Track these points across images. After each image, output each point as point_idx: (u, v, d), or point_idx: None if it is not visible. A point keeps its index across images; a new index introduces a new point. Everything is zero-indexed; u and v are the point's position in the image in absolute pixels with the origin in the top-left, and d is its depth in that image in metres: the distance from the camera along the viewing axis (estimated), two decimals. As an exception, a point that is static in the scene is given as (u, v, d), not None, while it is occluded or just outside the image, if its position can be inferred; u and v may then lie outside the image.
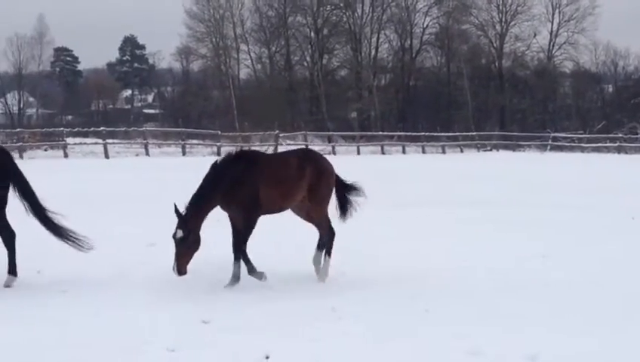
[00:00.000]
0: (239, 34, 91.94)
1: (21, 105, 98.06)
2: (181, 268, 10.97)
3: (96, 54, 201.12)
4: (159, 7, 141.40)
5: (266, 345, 8.52)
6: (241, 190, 11.58)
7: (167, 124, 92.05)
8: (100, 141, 54.05)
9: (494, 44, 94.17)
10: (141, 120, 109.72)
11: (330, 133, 74.17)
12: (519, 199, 25.25)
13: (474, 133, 77.12)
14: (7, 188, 11.92)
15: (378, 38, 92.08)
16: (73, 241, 12.09)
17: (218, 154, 56.52)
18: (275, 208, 12.22)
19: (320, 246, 12.55)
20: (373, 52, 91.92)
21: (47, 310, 10.18)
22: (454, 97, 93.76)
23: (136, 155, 54.14)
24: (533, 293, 11.33)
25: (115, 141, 59.62)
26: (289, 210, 12.69)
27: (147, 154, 53.95)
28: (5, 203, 11.88)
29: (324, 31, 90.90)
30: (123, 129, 68.30)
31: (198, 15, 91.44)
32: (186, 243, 11.04)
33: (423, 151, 68.69)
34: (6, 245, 11.83)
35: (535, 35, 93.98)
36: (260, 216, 11.88)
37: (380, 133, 74.20)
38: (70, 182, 28.22)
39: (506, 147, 75.04)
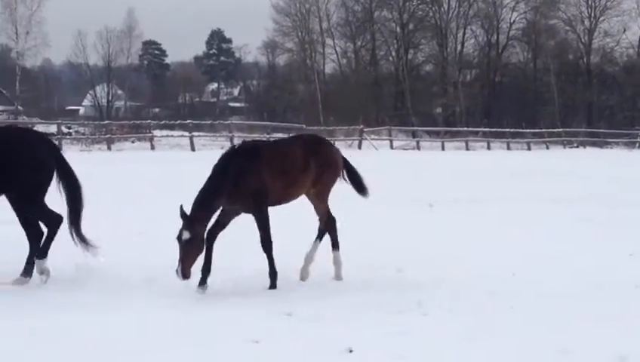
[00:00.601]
0: (325, 28, 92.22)
1: (110, 98, 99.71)
2: (186, 271, 10.52)
3: (183, 48, 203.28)
4: (246, 1, 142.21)
5: (350, 338, 8.44)
6: (247, 183, 11.16)
7: (252, 117, 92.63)
8: (186, 134, 54.65)
9: (582, 40, 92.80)
10: (227, 113, 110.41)
11: (415, 128, 73.97)
12: (607, 197, 24.85)
13: (560, 130, 76.00)
14: (49, 179, 11.77)
15: (464, 34, 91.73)
16: (84, 246, 11.84)
17: (302, 148, 56.66)
18: (283, 199, 11.71)
19: (335, 245, 12.11)
20: (459, 47, 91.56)
21: (131, 300, 10.32)
22: (540, 93, 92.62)
23: (222, 148, 54.17)
24: (623, 293, 11.11)
25: (201, 134, 60.12)
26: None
27: (232, 147, 54.28)
28: (44, 193, 11.73)
29: (410, 26, 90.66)
30: (209, 122, 68.79)
31: (284, 9, 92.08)
32: (193, 245, 10.61)
33: (508, 148, 67.95)
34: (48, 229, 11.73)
35: (625, 30, 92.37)
36: (268, 205, 11.36)
37: (465, 128, 73.62)
38: (156, 173, 28.60)
39: (593, 144, 73.82)
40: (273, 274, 11.27)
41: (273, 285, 11.22)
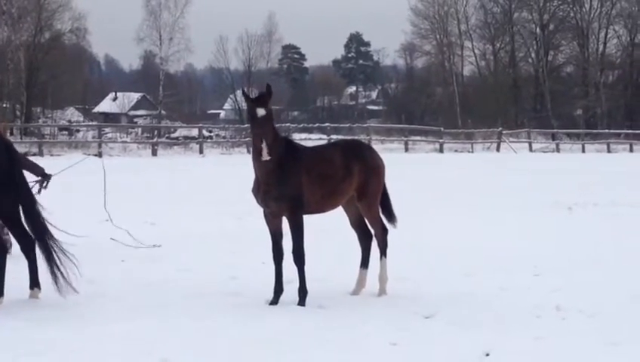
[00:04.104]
0: (464, 30, 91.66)
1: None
2: (270, 149, 9.85)
3: (322, 51, 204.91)
4: (384, 5, 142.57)
5: (487, 342, 8.48)
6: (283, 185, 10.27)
7: (390, 120, 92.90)
8: (325, 137, 55.13)
9: None
10: (365, 116, 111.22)
11: (555, 130, 72.84)
12: None
13: None
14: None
15: (606, 34, 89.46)
16: (56, 275, 10.24)
17: (441, 150, 56.62)
18: (321, 208, 10.76)
19: (364, 264, 11.11)
20: (600, 48, 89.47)
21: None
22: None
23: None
24: None
25: (340, 137, 60.53)
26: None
27: (370, 150, 54.46)
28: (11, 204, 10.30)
29: (550, 27, 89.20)
30: (347, 125, 69.30)
31: (422, 12, 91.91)
32: (269, 123, 10.06)
33: (652, 150, 66.27)
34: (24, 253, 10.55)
35: None
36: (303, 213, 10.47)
37: (607, 131, 72.00)
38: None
39: None
40: (303, 289, 10.45)
41: (302, 302, 10.38)
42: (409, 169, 33.14)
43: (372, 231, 11.15)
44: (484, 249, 14.51)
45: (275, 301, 10.45)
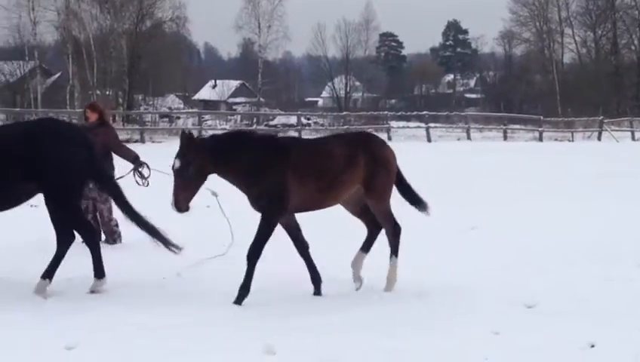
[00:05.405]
0: (564, 17, 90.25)
1: (347, 89, 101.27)
2: (180, 204, 9.61)
3: (419, 39, 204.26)
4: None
5: (591, 333, 8.37)
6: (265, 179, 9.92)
7: (488, 108, 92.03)
8: (423, 125, 54.92)
9: None
10: (462, 104, 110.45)
11: (657, 119, 71.44)
12: None
13: None
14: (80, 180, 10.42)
15: None
16: (164, 242, 10.54)
17: (540, 139, 55.99)
18: (314, 206, 10.40)
19: (365, 248, 10.67)
20: None
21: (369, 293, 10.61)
22: None
23: (458, 139, 54.48)
24: None
25: (437, 125, 60.28)
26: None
27: (468, 138, 54.17)
28: (78, 196, 10.56)
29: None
30: (445, 113, 68.88)
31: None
32: (186, 175, 9.61)
33: None
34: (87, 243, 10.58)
35: None
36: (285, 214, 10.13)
37: None
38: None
39: None
40: (245, 288, 9.88)
41: (238, 301, 9.82)
42: (508, 157, 32.90)
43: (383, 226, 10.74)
44: (586, 239, 14.30)
45: (317, 292, 10.36)
